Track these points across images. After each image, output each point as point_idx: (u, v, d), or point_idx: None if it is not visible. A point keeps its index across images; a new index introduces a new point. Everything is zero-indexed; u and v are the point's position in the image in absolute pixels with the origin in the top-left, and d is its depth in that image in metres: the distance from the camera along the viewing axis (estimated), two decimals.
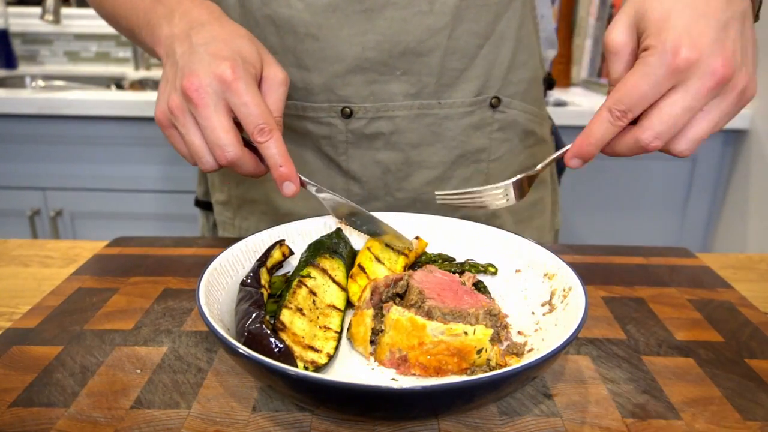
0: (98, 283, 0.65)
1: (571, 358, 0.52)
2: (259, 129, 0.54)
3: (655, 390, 0.48)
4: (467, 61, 0.72)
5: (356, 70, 0.71)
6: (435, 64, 0.71)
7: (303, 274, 0.54)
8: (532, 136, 0.81)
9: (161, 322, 0.57)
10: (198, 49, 0.56)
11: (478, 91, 0.74)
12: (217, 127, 0.54)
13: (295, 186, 0.57)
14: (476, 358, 0.47)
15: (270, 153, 0.55)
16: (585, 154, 0.52)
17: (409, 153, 0.75)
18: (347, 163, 0.76)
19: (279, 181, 0.56)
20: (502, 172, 0.80)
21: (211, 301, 0.48)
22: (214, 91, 0.54)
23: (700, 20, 0.46)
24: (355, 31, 0.69)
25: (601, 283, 0.67)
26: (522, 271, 0.59)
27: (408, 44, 0.70)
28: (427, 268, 0.57)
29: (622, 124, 0.49)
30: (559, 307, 0.51)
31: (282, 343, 0.44)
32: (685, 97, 0.46)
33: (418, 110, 0.73)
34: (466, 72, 0.73)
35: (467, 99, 0.74)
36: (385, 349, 0.49)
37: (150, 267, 0.69)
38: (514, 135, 0.79)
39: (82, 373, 0.49)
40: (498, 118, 0.76)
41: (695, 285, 0.66)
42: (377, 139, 0.74)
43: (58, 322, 0.57)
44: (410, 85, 0.72)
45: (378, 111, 0.73)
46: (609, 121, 0.49)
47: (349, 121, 0.73)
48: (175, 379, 0.48)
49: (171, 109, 0.56)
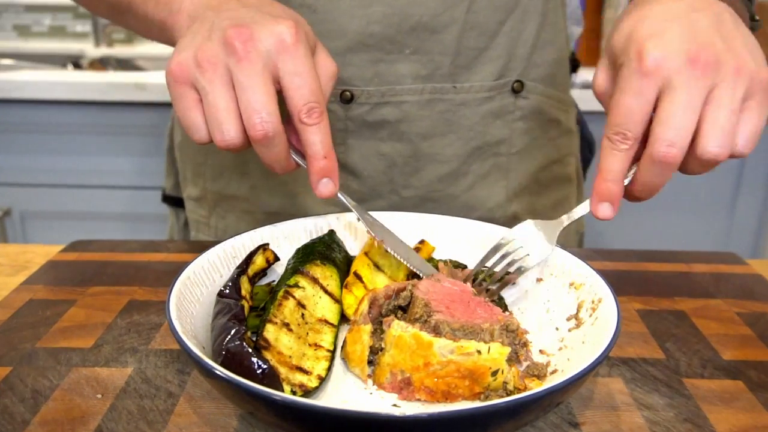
0: (53, 293, 0.65)
1: (601, 380, 0.52)
2: (309, 107, 0.51)
3: (699, 418, 0.48)
4: (487, 39, 0.72)
5: (358, 47, 0.71)
6: (450, 42, 0.71)
7: (290, 283, 0.54)
8: (557, 126, 0.81)
9: (126, 339, 0.57)
10: (248, 7, 0.54)
11: (499, 73, 0.74)
12: (259, 88, 0.50)
13: (335, 185, 0.55)
14: (491, 381, 0.47)
15: (314, 139, 0.52)
16: (607, 193, 0.52)
17: (418, 144, 0.75)
18: (344, 155, 0.76)
19: (318, 176, 0.54)
20: (524, 166, 0.80)
21: (183, 315, 0.48)
22: (267, 50, 0.51)
23: (663, 24, 0.50)
24: (357, 2, 0.69)
25: (635, 293, 0.67)
26: (544, 280, 0.59)
27: (420, 18, 0.70)
28: (434, 276, 0.57)
29: (626, 147, 0.50)
30: (587, 322, 0.52)
31: (266, 363, 0.44)
32: (674, 95, 0.47)
33: (430, 95, 0.73)
34: (486, 51, 0.73)
35: (486, 83, 0.74)
36: (385, 370, 0.49)
37: (113, 275, 0.69)
38: (537, 125, 0.79)
39: (34, 398, 0.49)
40: (520, 105, 0.77)
41: (745, 296, 0.66)
42: (382, 128, 0.74)
43: (6, 339, 0.57)
44: (421, 66, 0.72)
45: (383, 95, 0.73)
46: (613, 149, 0.50)
47: (349, 107, 0.73)
48: (142, 405, 0.48)
49: (199, 60, 0.51)
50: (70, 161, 1.78)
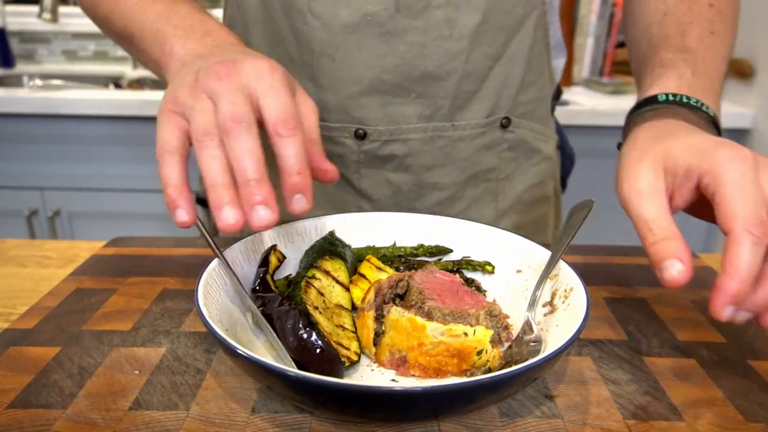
0: (96, 283, 0.65)
1: (572, 359, 0.52)
2: (283, 120, 0.46)
3: (657, 391, 0.48)
4: (479, 83, 0.73)
5: (372, 92, 0.71)
6: (450, 88, 0.72)
7: (308, 275, 0.54)
8: (538, 153, 0.82)
9: (160, 322, 0.57)
10: (233, 53, 0.51)
11: (490, 112, 0.75)
12: (238, 99, 0.45)
13: (308, 201, 0.46)
14: (476, 360, 0.47)
15: (288, 153, 0.45)
16: (739, 292, 0.41)
17: (422, 175, 0.76)
18: (359, 182, 0.76)
19: (290, 192, 0.45)
20: (511, 189, 0.81)
21: (209, 302, 0.48)
22: (246, 76, 0.47)
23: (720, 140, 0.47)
24: (373, 54, 0.69)
25: (602, 283, 0.67)
26: (523, 272, 0.59)
27: (426, 68, 0.70)
28: (427, 268, 0.57)
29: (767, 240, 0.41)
30: (560, 308, 0.52)
31: (332, 349, 0.45)
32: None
33: (432, 132, 0.74)
34: (478, 93, 0.74)
35: (480, 120, 0.75)
36: (385, 349, 0.49)
37: (148, 267, 0.69)
38: (521, 153, 0.80)
39: (80, 374, 0.49)
40: (508, 137, 0.77)
41: (698, 286, 0.66)
42: (390, 161, 0.75)
43: (56, 322, 0.57)
44: (424, 108, 0.72)
45: (392, 134, 0.73)
46: (754, 243, 0.40)
47: (362, 143, 0.73)
48: (174, 380, 0.48)
49: (191, 89, 0.47)
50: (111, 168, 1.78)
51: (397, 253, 0.63)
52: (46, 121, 1.73)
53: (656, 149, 0.49)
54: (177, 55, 0.55)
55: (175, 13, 0.60)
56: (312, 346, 0.44)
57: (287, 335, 0.46)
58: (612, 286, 0.66)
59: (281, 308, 0.48)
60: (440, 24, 0.68)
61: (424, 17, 0.68)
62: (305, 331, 0.45)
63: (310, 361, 0.44)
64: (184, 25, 0.58)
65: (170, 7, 0.61)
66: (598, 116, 1.72)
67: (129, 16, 0.63)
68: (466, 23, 0.69)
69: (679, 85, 0.60)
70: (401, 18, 0.68)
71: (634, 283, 0.67)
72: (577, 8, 2.11)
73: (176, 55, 0.55)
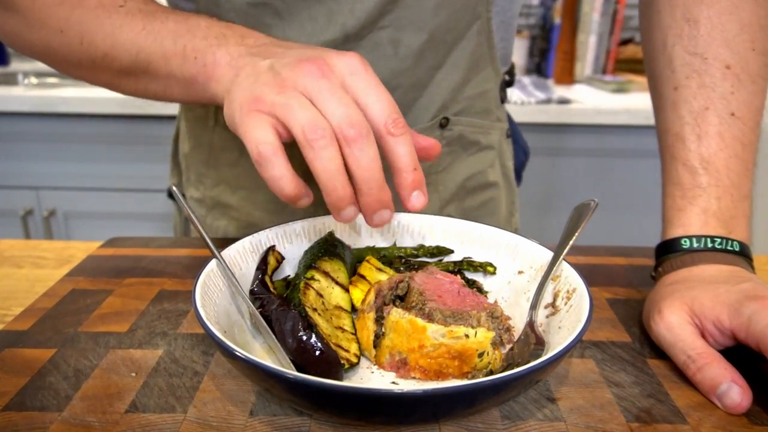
0: (92, 284, 0.65)
1: (575, 361, 0.52)
2: (393, 119, 0.46)
3: (661, 394, 0.48)
4: (422, 91, 0.74)
5: None
6: (398, 99, 0.72)
7: (307, 276, 0.54)
8: (476, 145, 0.83)
9: (156, 324, 0.57)
10: (293, 49, 0.49)
11: (432, 116, 0.76)
12: (347, 100, 0.46)
13: (426, 197, 0.49)
14: (477, 362, 0.47)
15: (403, 151, 0.47)
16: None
17: None
18: (309, 171, 0.77)
19: (410, 189, 0.48)
20: (451, 180, 0.82)
21: (207, 303, 0.48)
22: (341, 72, 0.47)
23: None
24: None
25: (605, 284, 0.67)
26: (525, 273, 0.59)
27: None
28: (428, 269, 0.57)
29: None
30: (563, 310, 0.51)
31: (332, 351, 0.45)
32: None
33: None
34: (420, 99, 0.75)
35: (421, 125, 0.76)
36: (385, 351, 0.49)
37: (145, 268, 0.69)
38: (458, 147, 0.81)
39: (76, 376, 0.49)
40: (446, 135, 0.78)
41: None
42: None
43: (52, 324, 0.57)
44: None
45: None
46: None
47: None
48: (171, 382, 0.48)
49: (277, 86, 0.46)
50: (107, 167, 1.78)
51: (397, 253, 0.63)
52: (41, 119, 1.73)
53: (685, 297, 0.52)
54: (223, 61, 0.53)
55: (195, 27, 0.56)
56: (311, 348, 0.44)
57: (286, 337, 0.46)
58: (615, 287, 0.66)
59: (280, 310, 0.48)
60: (385, 45, 0.69)
61: (370, 38, 0.68)
62: (304, 333, 0.45)
63: (310, 364, 0.44)
64: (214, 35, 0.55)
65: (184, 24, 0.56)
66: (601, 115, 1.71)
67: (138, 45, 0.57)
68: (411, 44, 0.69)
69: (704, 222, 0.57)
70: (350, 44, 0.68)
71: (637, 284, 0.67)
72: (580, 6, 2.11)
73: (222, 61, 0.53)
